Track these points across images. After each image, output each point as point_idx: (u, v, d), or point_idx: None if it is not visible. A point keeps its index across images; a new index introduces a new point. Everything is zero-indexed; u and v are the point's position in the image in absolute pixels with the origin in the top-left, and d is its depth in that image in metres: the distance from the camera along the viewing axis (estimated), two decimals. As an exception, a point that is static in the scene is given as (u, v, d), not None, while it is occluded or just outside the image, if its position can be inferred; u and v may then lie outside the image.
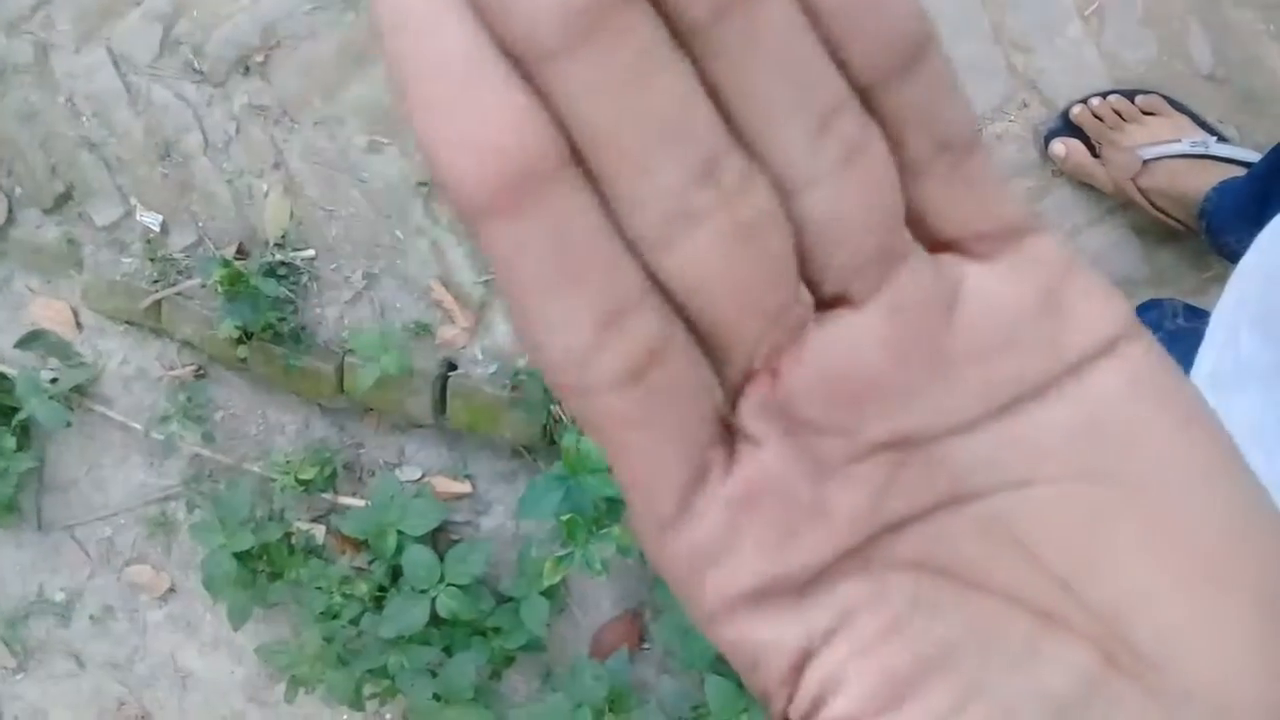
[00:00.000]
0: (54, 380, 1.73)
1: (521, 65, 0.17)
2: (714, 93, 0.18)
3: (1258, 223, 0.81)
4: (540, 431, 1.53)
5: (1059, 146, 1.37)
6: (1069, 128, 1.37)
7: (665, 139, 0.17)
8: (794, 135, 0.18)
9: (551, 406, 1.51)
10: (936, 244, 0.20)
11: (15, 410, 1.71)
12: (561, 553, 1.42)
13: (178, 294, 1.64)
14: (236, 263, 1.55)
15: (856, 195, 0.19)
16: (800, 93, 0.18)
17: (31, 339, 1.73)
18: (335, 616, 1.55)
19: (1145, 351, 0.20)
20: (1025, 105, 1.39)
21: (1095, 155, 1.36)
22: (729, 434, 0.20)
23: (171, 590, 1.78)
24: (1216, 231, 1.25)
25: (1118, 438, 0.20)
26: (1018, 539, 0.20)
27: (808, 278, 0.20)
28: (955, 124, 0.19)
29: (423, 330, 1.57)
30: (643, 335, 0.18)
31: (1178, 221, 1.32)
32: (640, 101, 0.17)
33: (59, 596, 1.83)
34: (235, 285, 1.51)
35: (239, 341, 1.59)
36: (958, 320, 0.20)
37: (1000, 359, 0.20)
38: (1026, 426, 0.20)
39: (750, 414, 0.20)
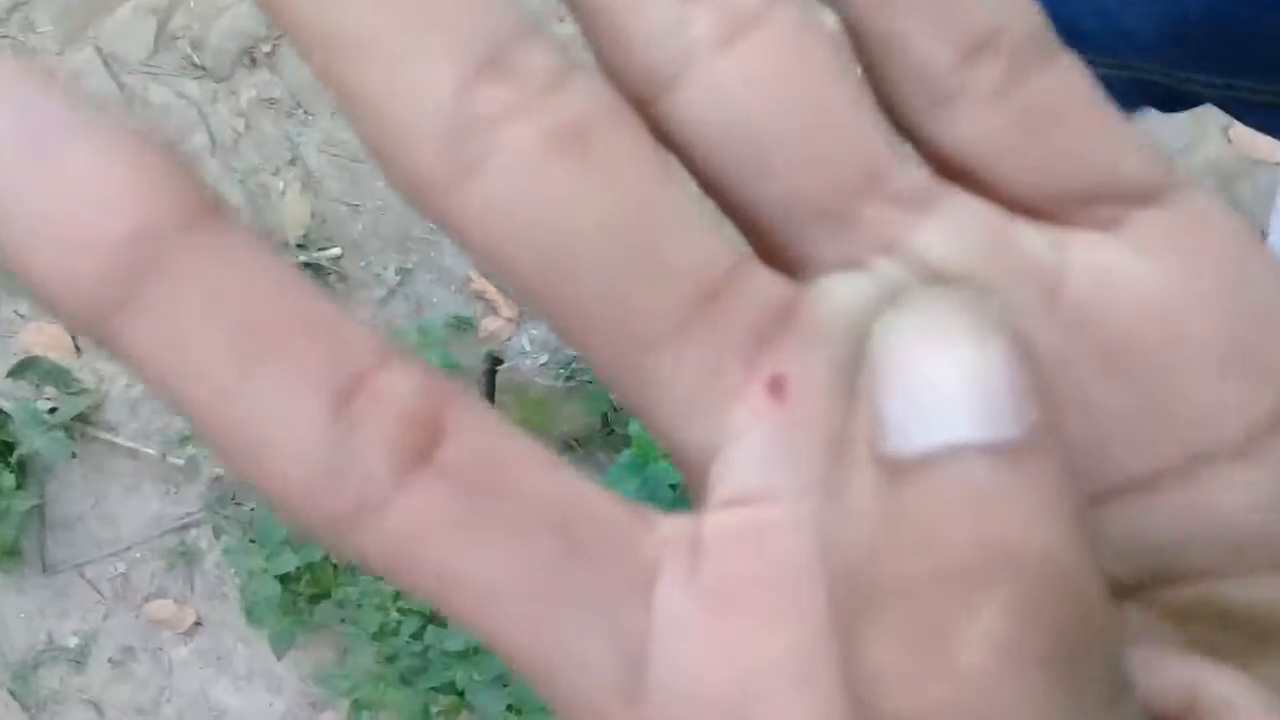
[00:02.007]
0: (53, 410, 1.61)
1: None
2: None
3: None
4: (600, 422, 1.47)
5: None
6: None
7: (417, 22, 0.13)
8: (643, 6, 0.13)
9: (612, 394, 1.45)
10: (1017, 210, 0.14)
11: (13, 446, 1.60)
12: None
13: (192, 306, 1.54)
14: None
15: (764, 87, 0.13)
16: None
17: (24, 368, 1.61)
18: (394, 633, 1.47)
19: None
20: None
21: None
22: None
23: (198, 624, 1.68)
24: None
25: None
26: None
27: (763, 237, 0.14)
28: (997, 11, 0.14)
29: (464, 325, 1.49)
30: (404, 399, 0.13)
31: None
32: None
33: (71, 642, 1.71)
34: (264, 290, 1.42)
35: (267, 351, 1.50)
36: (1070, 309, 0.14)
37: (1171, 383, 0.14)
38: (1222, 493, 0.14)
39: (751, 461, 0.14)
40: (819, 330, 0.14)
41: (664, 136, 0.14)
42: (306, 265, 1.50)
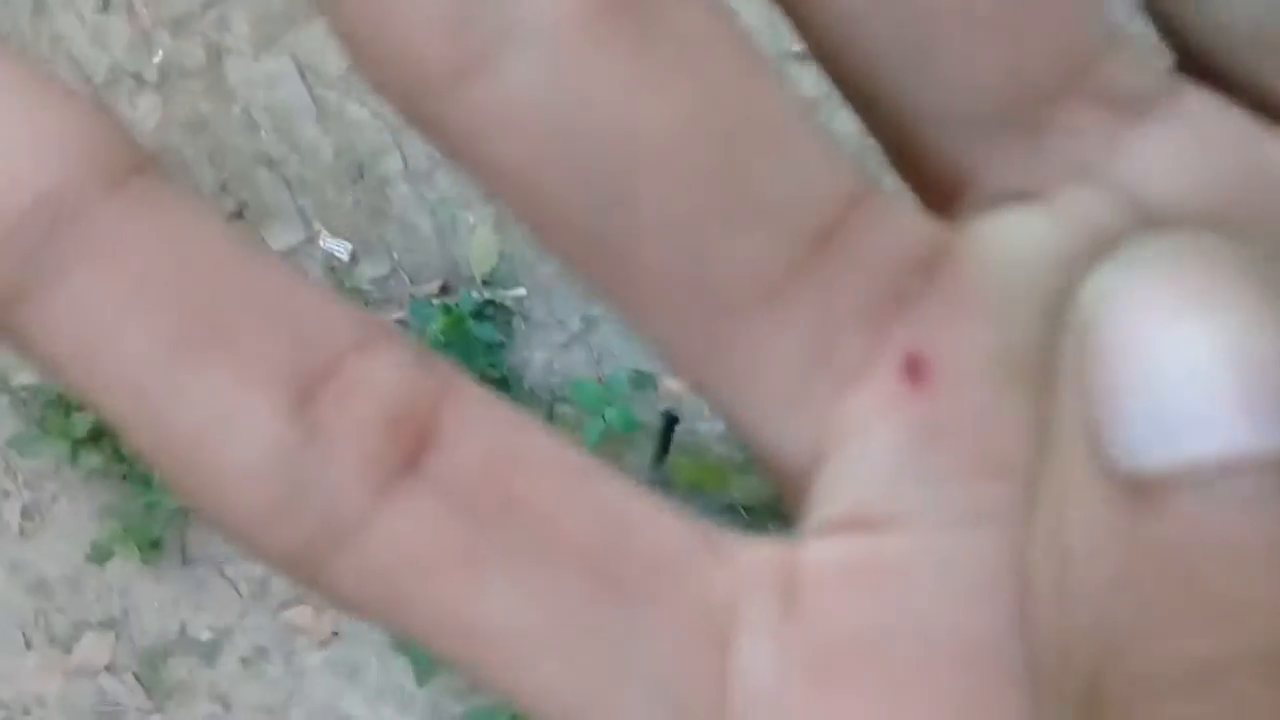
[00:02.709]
0: (209, 410, 1.60)
1: None
2: None
3: None
4: (777, 496, 1.45)
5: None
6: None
7: None
8: None
9: (793, 470, 1.43)
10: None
11: (168, 443, 1.59)
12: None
13: (368, 330, 1.52)
14: (445, 300, 1.43)
15: None
16: None
17: (184, 365, 1.60)
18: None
19: None
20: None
21: None
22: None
23: (335, 634, 1.68)
24: None
25: None
26: None
27: (907, 154, 0.10)
28: None
29: (645, 381, 1.46)
30: (385, 390, 0.10)
31: None
32: None
33: (205, 635, 1.72)
34: (452, 332, 1.40)
35: (443, 387, 1.48)
36: None
37: None
38: None
39: (873, 470, 0.10)
40: (977, 289, 0.10)
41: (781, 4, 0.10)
42: (490, 303, 1.48)
